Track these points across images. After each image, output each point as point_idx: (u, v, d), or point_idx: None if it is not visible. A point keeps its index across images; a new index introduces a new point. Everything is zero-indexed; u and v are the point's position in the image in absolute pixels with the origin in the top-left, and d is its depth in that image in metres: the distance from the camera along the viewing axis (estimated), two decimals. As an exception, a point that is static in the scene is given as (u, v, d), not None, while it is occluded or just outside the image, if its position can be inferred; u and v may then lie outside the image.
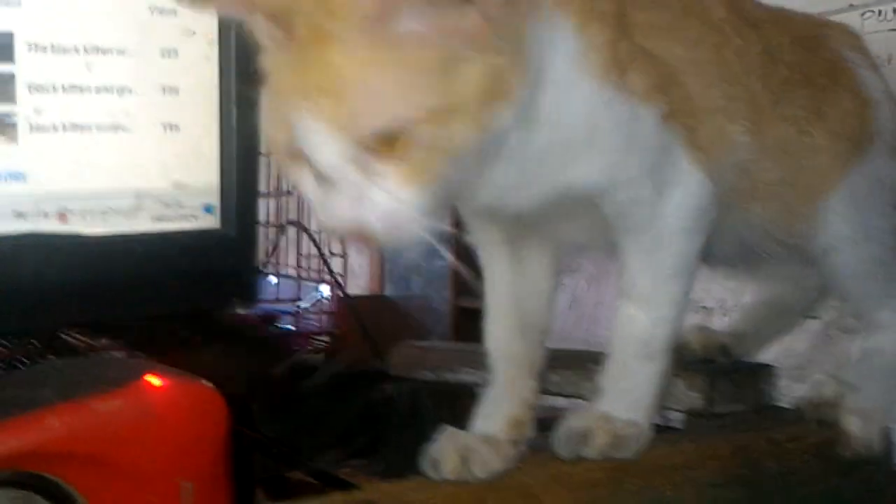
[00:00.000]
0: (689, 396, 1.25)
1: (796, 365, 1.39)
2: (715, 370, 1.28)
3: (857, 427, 1.17)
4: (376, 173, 0.80)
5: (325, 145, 0.80)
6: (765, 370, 1.33)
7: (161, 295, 1.04)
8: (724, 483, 1.11)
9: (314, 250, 2.84)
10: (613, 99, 0.96)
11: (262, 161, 1.90)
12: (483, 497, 0.95)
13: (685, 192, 1.05)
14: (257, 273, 1.08)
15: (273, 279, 3.11)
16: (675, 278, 1.06)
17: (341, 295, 2.88)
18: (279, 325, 3.01)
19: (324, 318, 2.96)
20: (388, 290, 3.81)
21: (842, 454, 1.16)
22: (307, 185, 0.84)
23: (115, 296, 1.02)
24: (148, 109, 1.03)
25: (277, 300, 2.94)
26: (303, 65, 0.80)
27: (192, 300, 1.07)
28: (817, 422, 1.22)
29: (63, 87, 0.98)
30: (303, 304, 3.03)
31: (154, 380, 0.75)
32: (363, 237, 0.82)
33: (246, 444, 1.05)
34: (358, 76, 0.79)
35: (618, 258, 1.06)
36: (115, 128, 1.01)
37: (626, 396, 1.04)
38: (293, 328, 2.92)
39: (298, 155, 0.82)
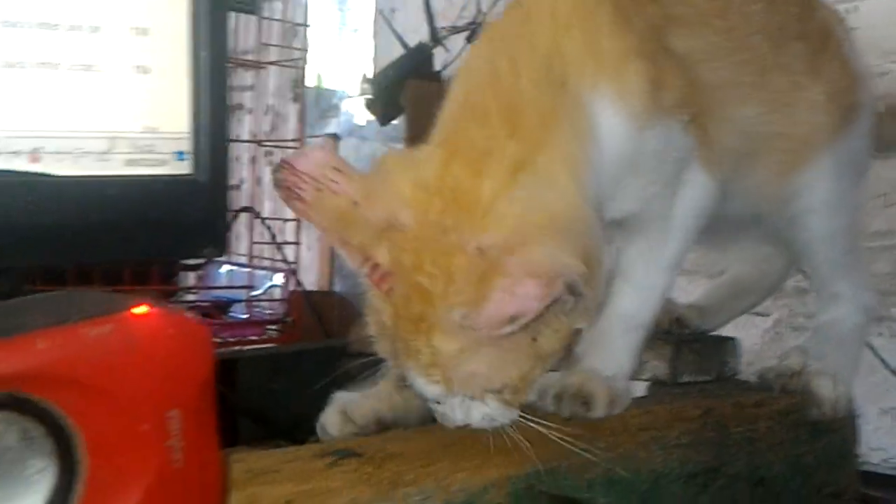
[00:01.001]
0: (655, 366, 1.27)
1: (746, 361, 1.40)
2: (679, 341, 1.29)
3: (827, 389, 1.19)
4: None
5: (430, 390, 0.94)
6: (728, 343, 1.36)
7: (133, 240, 1.03)
8: (690, 444, 1.13)
9: (267, 238, 2.84)
10: (651, 126, 1.03)
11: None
12: (453, 445, 0.98)
13: (694, 194, 1.10)
14: (228, 222, 1.06)
15: (225, 267, 3.10)
16: (670, 269, 1.13)
17: (296, 283, 2.88)
18: (231, 314, 3.00)
19: (276, 305, 2.96)
20: (338, 286, 3.81)
21: (811, 417, 1.17)
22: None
23: (86, 239, 1.00)
24: (118, 50, 1.01)
25: (229, 288, 2.93)
26: (406, 332, 0.92)
27: (164, 247, 1.06)
28: (781, 389, 1.23)
29: (34, 24, 0.96)
30: (255, 293, 3.02)
31: (140, 309, 0.73)
32: None
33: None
34: (458, 359, 0.91)
35: (617, 240, 1.10)
36: (87, 68, 0.99)
37: (611, 361, 1.08)
38: (245, 316, 2.91)
39: None
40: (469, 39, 3.85)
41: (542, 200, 0.92)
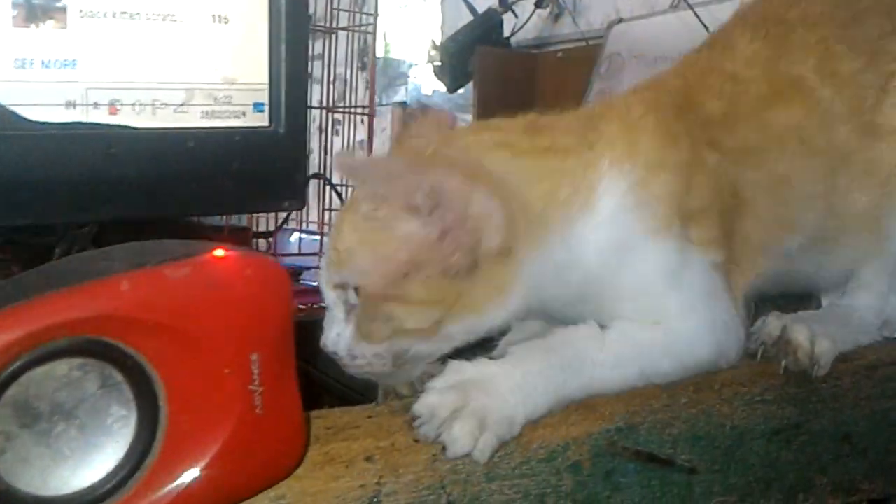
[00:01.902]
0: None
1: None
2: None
3: (803, 336, 1.14)
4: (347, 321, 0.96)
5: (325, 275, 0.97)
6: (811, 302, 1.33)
7: (211, 193, 1.03)
8: (774, 400, 1.10)
9: (337, 204, 2.83)
10: (666, 248, 0.99)
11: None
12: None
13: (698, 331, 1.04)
14: (307, 175, 1.05)
15: (296, 235, 3.10)
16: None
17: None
18: (302, 281, 3.00)
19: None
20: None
21: (788, 367, 1.13)
22: None
23: (165, 192, 1.00)
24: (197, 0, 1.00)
25: (300, 254, 2.93)
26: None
27: (244, 200, 1.05)
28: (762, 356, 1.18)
29: (112, -26, 0.96)
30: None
31: (219, 252, 0.72)
32: None
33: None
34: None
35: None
36: (165, 17, 0.98)
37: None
38: (317, 283, 2.91)
39: None
40: (538, 5, 3.84)
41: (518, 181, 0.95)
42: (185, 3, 0.99)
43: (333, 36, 3.00)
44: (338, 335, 0.96)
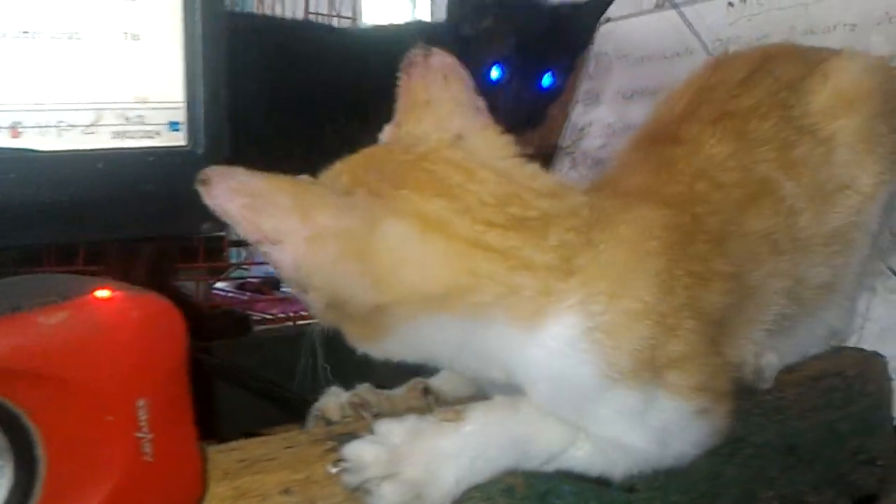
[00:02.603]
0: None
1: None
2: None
3: (750, 352, 1.13)
4: None
5: None
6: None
7: (124, 217, 0.99)
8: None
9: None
10: (626, 395, 0.91)
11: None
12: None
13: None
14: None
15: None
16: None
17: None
18: (283, 289, 2.97)
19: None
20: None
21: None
22: None
23: (72, 217, 0.96)
24: (105, 16, 0.96)
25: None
26: None
27: (158, 224, 1.02)
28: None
29: (12, -10, 0.92)
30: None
31: (104, 293, 0.69)
32: None
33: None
34: None
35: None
36: (70, 35, 0.94)
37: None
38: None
39: None
40: None
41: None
42: (91, 21, 0.95)
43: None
44: None
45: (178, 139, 1.00)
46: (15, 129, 0.92)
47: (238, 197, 0.82)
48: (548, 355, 0.88)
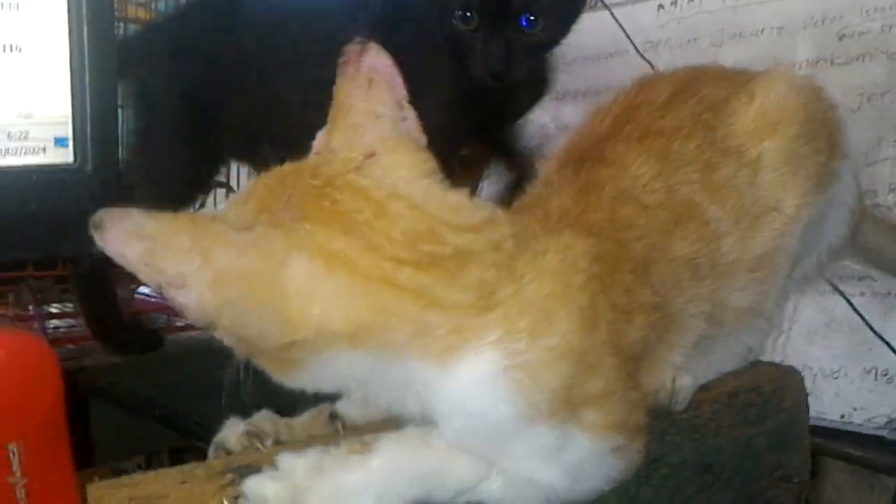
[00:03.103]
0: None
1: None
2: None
3: (667, 375, 1.14)
4: None
5: None
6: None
7: (7, 237, 0.95)
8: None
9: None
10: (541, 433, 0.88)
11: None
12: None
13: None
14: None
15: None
16: None
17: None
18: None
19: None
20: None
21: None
22: None
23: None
24: (-16, 28, 0.92)
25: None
26: None
27: (45, 242, 0.97)
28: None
29: None
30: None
31: (-33, 333, 0.66)
32: None
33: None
34: None
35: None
36: (-55, 48, 0.91)
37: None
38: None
39: None
40: None
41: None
42: (-31, 32, 0.91)
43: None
44: None
45: (66, 156, 0.96)
46: None
47: (135, 241, 0.78)
48: (464, 393, 0.85)
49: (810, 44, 2.74)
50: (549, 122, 3.22)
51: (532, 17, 1.46)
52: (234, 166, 2.44)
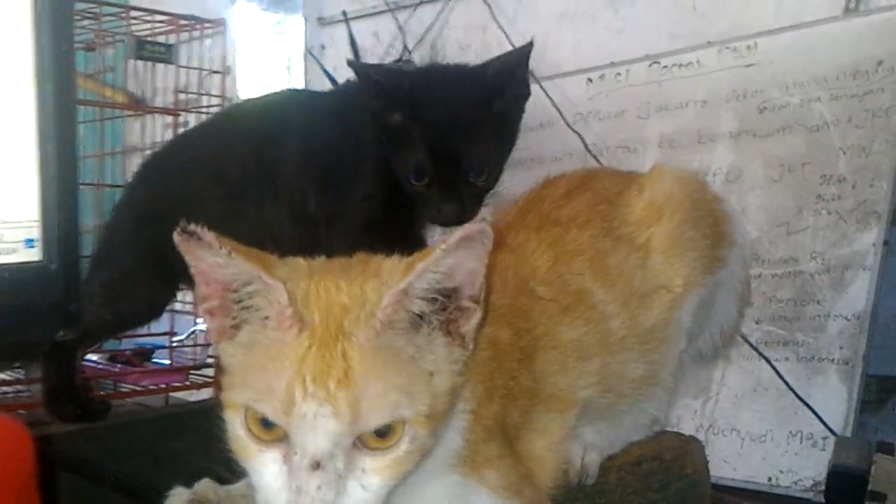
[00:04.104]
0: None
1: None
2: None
3: (576, 456, 1.26)
4: (359, 467, 0.90)
5: (328, 431, 0.88)
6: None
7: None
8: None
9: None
10: (461, 485, 1.04)
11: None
12: None
13: None
14: (81, 304, 1.10)
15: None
16: None
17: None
18: (154, 360, 3.01)
19: (200, 351, 2.98)
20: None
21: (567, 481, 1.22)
22: (270, 469, 0.92)
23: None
24: (-37, 144, 1.04)
25: (150, 334, 2.94)
26: (316, 352, 0.90)
27: (17, 332, 1.09)
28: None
29: None
30: (178, 338, 3.04)
31: (-46, 413, 0.76)
32: None
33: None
34: (368, 373, 0.90)
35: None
36: (-72, 164, 1.03)
37: None
38: (168, 362, 2.93)
39: (273, 437, 0.91)
40: (395, 74, 3.93)
41: None
42: (-52, 149, 1.03)
43: (179, 117, 3.04)
44: (339, 494, 0.90)
45: (34, 255, 1.08)
46: None
47: None
48: None
49: (733, 116, 2.88)
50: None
51: (478, 172, 1.62)
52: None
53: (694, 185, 1.41)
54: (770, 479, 2.52)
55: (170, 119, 3.10)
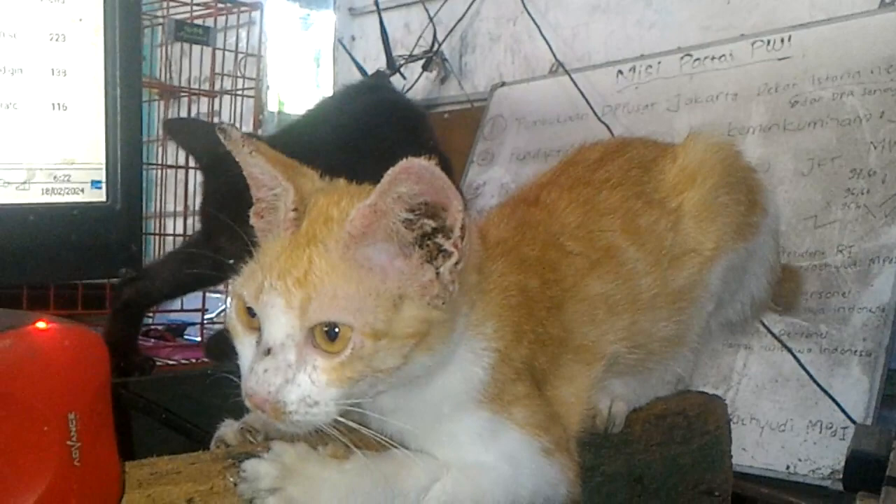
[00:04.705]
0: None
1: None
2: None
3: (604, 405, 1.29)
4: (310, 363, 0.97)
5: (280, 322, 0.97)
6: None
7: (52, 263, 1.12)
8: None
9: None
10: (491, 421, 1.09)
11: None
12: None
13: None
14: (142, 244, 1.15)
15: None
16: None
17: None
18: (186, 336, 3.06)
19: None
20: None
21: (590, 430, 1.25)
22: (247, 352, 1.01)
23: (7, 262, 1.08)
24: (38, 90, 1.10)
25: (182, 310, 2.99)
26: (289, 252, 1.00)
27: (82, 269, 1.14)
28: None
29: (-40, 66, 1.05)
30: (209, 316, 3.09)
31: (43, 324, 0.83)
32: (273, 409, 0.97)
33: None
34: (326, 276, 0.97)
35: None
36: (7, 105, 1.08)
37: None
38: (199, 339, 2.98)
39: (253, 325, 1.01)
40: (425, 68, 3.98)
41: None
42: (26, 93, 1.08)
43: (216, 98, 3.08)
44: (287, 381, 0.97)
45: (99, 195, 1.13)
46: (-42, 185, 1.06)
47: None
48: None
49: (763, 110, 2.88)
50: (509, 181, 3.36)
51: None
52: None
53: (728, 151, 1.43)
54: (788, 468, 2.52)
55: (204, 107, 3.13)
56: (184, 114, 3.29)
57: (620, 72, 3.32)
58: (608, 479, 1.28)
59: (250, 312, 1.01)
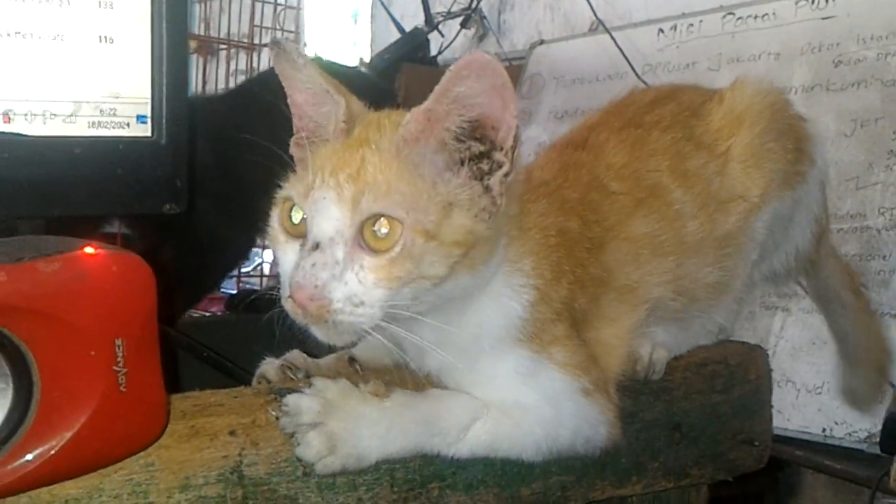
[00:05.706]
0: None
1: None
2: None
3: (645, 350, 1.28)
4: (357, 262, 0.96)
5: (331, 214, 0.96)
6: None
7: (97, 196, 1.12)
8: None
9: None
10: (531, 360, 1.09)
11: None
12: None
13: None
14: (187, 180, 1.16)
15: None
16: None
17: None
18: (222, 290, 3.07)
19: (265, 281, 3.04)
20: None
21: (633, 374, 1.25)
22: (289, 258, 1.00)
23: (54, 193, 1.09)
24: (85, 22, 1.10)
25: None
26: (343, 155, 1.00)
27: (126, 202, 1.15)
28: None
29: (8, -4, 1.06)
30: (244, 269, 3.10)
31: (91, 249, 0.83)
32: (318, 307, 0.95)
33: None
34: (379, 173, 0.97)
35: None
36: (55, 37, 1.08)
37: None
38: (234, 292, 2.99)
39: (297, 231, 1.00)
40: (463, 25, 3.96)
41: None
42: (73, 25, 1.09)
43: (255, 52, 3.08)
44: (334, 277, 0.96)
45: (145, 130, 1.14)
46: (6, 116, 1.06)
47: None
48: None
49: (807, 70, 2.84)
50: (546, 140, 3.34)
51: None
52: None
53: (776, 97, 1.41)
54: (824, 430, 2.49)
55: (243, 63, 3.13)
56: (222, 69, 3.29)
57: (661, 30, 3.28)
58: (647, 425, 1.27)
59: (292, 219, 1.01)
